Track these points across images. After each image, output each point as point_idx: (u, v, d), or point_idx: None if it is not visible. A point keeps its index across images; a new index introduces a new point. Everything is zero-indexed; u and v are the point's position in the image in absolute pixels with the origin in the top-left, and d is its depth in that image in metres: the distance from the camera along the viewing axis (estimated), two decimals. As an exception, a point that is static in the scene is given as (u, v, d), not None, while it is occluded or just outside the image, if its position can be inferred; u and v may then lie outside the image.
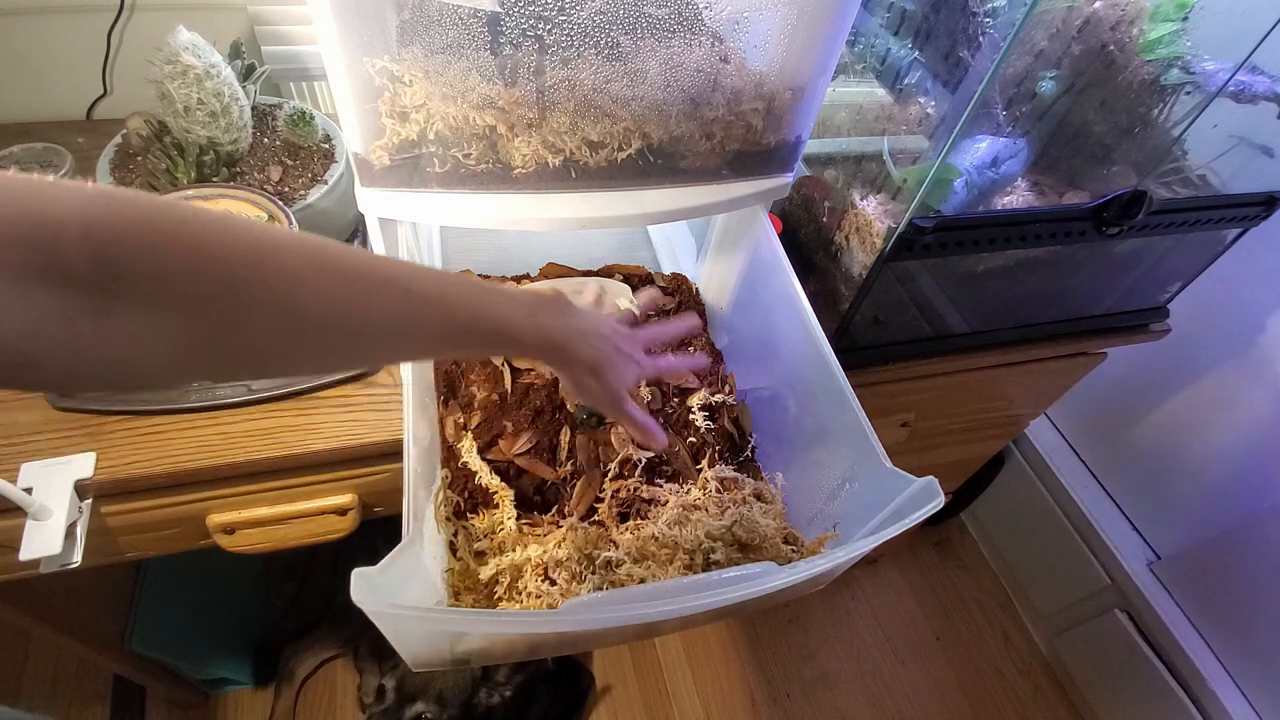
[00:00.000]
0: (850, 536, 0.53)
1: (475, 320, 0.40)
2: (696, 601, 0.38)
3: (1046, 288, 0.89)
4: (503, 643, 0.49)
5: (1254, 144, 0.82)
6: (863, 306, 0.77)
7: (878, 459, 0.50)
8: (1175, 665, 1.23)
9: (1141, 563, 1.31)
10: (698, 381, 0.71)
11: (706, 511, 0.59)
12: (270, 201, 0.67)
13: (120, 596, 0.99)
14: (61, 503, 0.58)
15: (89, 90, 0.88)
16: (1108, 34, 0.71)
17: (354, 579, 0.35)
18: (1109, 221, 0.76)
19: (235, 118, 0.71)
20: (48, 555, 0.57)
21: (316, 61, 0.91)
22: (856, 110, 0.81)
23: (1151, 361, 1.27)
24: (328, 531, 0.74)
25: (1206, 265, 0.95)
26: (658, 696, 1.36)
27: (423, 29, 0.46)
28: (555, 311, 0.45)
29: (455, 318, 0.39)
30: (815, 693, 1.42)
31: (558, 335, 0.45)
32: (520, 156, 0.52)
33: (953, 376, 0.96)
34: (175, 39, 0.65)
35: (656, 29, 0.49)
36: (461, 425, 0.63)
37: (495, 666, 1.17)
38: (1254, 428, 1.14)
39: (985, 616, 1.59)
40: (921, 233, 0.68)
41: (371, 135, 0.50)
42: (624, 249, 0.89)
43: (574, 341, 0.46)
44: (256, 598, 1.31)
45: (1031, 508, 1.49)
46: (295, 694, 1.23)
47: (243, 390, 0.67)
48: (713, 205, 0.59)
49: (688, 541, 0.56)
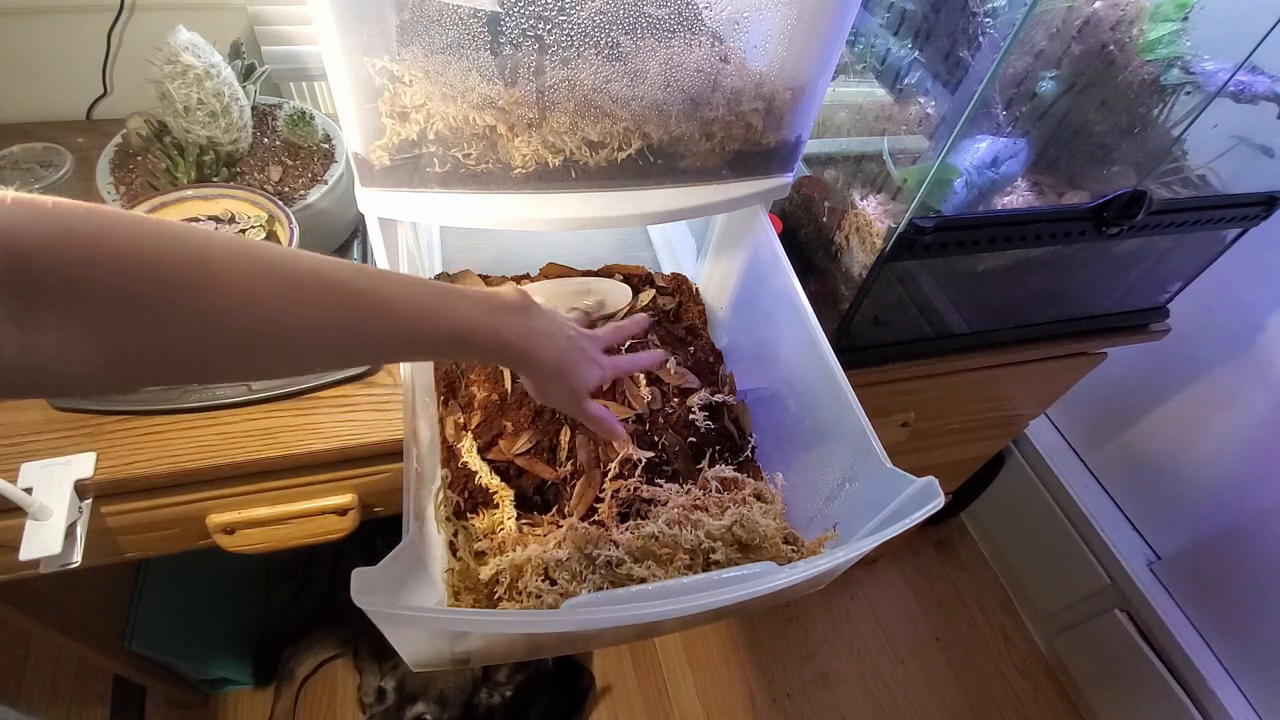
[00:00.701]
0: (850, 536, 0.53)
1: (426, 323, 0.39)
2: (696, 601, 0.38)
3: (1046, 288, 0.89)
4: (503, 642, 0.49)
5: (1254, 144, 0.82)
6: (863, 306, 0.77)
7: (878, 459, 0.50)
8: (1175, 665, 1.23)
9: (1141, 563, 1.31)
10: (698, 381, 0.71)
11: (706, 511, 0.59)
12: (270, 201, 0.67)
13: (120, 596, 0.99)
14: (61, 503, 0.58)
15: (89, 90, 0.88)
16: (1108, 34, 0.71)
17: (354, 579, 0.35)
18: (1109, 221, 0.76)
19: (235, 118, 0.71)
20: (48, 555, 0.57)
21: (316, 61, 0.91)
22: (856, 110, 0.81)
23: (1151, 361, 1.27)
24: (327, 531, 0.74)
25: (1206, 265, 0.95)
26: (658, 696, 1.36)
27: (423, 29, 0.46)
28: (515, 312, 0.44)
29: (403, 322, 0.38)
30: (815, 693, 1.42)
31: (517, 337, 0.44)
32: (520, 156, 0.52)
33: (953, 376, 0.96)
34: (175, 39, 0.65)
35: (656, 29, 0.49)
36: (461, 425, 0.63)
37: (495, 667, 1.17)
38: (1254, 428, 1.14)
39: (985, 616, 1.59)
40: (921, 233, 0.68)
41: (371, 135, 0.50)
42: (624, 249, 0.89)
43: (535, 343, 0.45)
44: (256, 598, 1.31)
45: (1031, 508, 1.49)
46: (295, 694, 1.23)
47: (243, 390, 0.67)
48: (713, 205, 0.59)
49: (687, 541, 0.56)
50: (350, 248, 0.83)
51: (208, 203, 0.67)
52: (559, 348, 0.47)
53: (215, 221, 0.66)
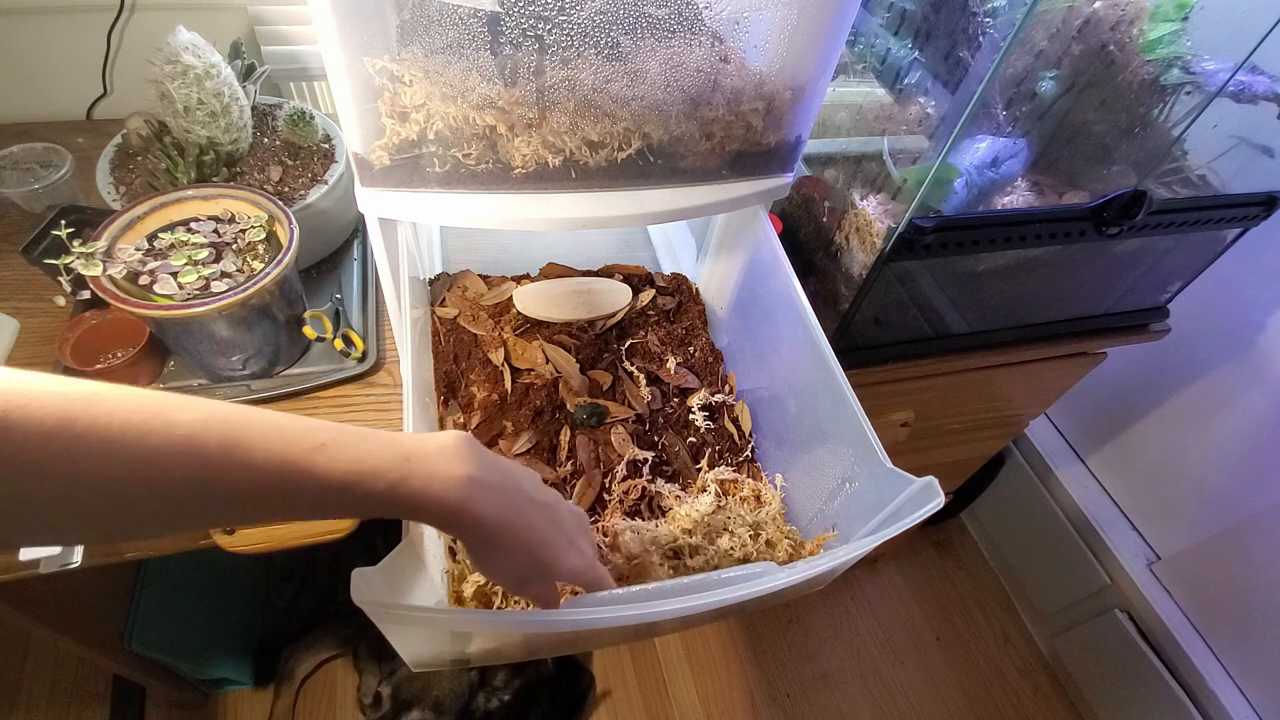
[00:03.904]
0: (850, 536, 0.53)
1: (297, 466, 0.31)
2: (696, 601, 0.38)
3: (1046, 288, 0.89)
4: (502, 642, 0.49)
5: (1254, 144, 0.82)
6: (863, 306, 0.77)
7: (878, 459, 0.50)
8: (1175, 665, 1.23)
9: (1141, 563, 1.31)
10: (698, 381, 0.71)
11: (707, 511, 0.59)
12: (270, 201, 0.67)
13: (120, 597, 0.99)
14: (61, 503, 0.58)
15: (89, 90, 0.88)
16: (1108, 34, 0.71)
17: (354, 579, 0.35)
18: (1109, 221, 0.76)
19: (235, 118, 0.71)
20: (48, 555, 0.57)
21: (316, 61, 0.91)
22: (856, 110, 0.81)
23: (1151, 361, 1.27)
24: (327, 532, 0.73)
25: (1206, 265, 0.95)
26: (658, 696, 1.36)
27: (423, 29, 0.46)
28: (446, 458, 0.35)
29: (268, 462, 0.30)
30: (815, 693, 1.42)
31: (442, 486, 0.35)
32: (520, 156, 0.52)
33: (953, 376, 0.96)
34: (175, 39, 0.65)
35: (656, 29, 0.49)
36: (461, 425, 0.63)
37: (493, 671, 1.17)
38: (1254, 428, 1.14)
39: (985, 616, 1.59)
40: (921, 233, 0.68)
41: (371, 135, 0.50)
42: (624, 249, 0.89)
43: (473, 497, 0.35)
44: (256, 598, 1.31)
45: (1031, 508, 1.49)
46: (295, 694, 1.23)
47: (243, 390, 0.67)
48: (713, 205, 0.59)
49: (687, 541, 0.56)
50: (350, 248, 0.83)
51: (208, 203, 0.67)
52: (515, 507, 0.38)
53: (215, 221, 0.66)
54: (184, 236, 0.64)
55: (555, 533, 0.40)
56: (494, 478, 0.37)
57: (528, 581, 0.40)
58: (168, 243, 0.63)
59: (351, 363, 0.71)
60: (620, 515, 0.60)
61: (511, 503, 0.38)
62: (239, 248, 0.64)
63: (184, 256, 0.62)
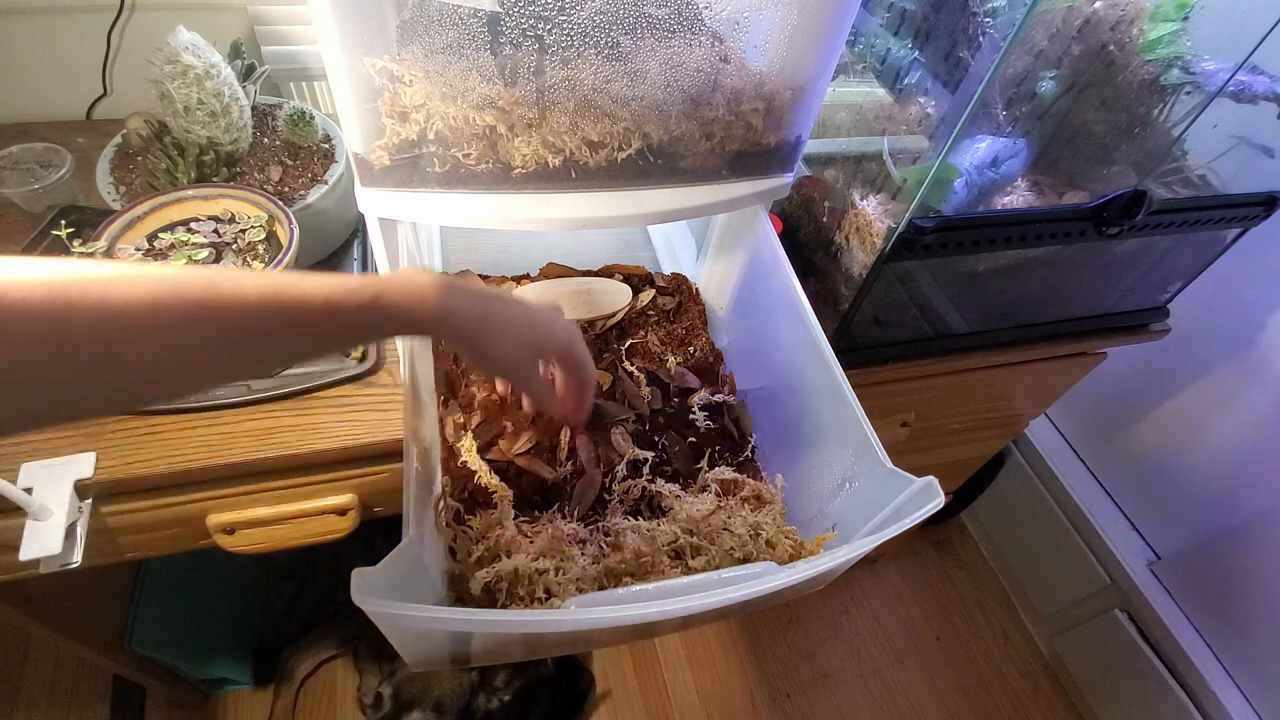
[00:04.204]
0: (850, 536, 0.53)
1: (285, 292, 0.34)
2: (696, 601, 0.38)
3: (1046, 288, 0.89)
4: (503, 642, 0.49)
5: (1254, 144, 0.82)
6: (863, 306, 0.77)
7: (878, 459, 0.50)
8: (1175, 665, 1.23)
9: (1141, 563, 1.31)
10: (698, 381, 0.71)
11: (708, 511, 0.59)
12: (270, 201, 0.67)
13: (120, 596, 0.99)
14: (61, 503, 0.58)
15: (89, 90, 0.88)
16: (1108, 34, 0.71)
17: (354, 579, 0.35)
18: (1109, 221, 0.76)
19: (235, 118, 0.71)
20: (48, 555, 0.57)
21: (316, 61, 0.91)
22: (856, 110, 0.81)
23: (1151, 361, 1.27)
24: (328, 531, 0.74)
25: (1206, 265, 0.95)
26: (658, 696, 1.36)
27: (423, 29, 0.46)
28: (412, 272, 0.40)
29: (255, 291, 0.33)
30: (815, 693, 1.42)
31: (421, 289, 0.39)
32: (520, 156, 0.52)
33: (953, 376, 0.96)
34: (175, 39, 0.65)
35: (656, 29, 0.49)
36: (461, 425, 0.63)
37: (494, 672, 1.17)
38: (1254, 428, 1.14)
39: (985, 616, 1.59)
40: (921, 233, 0.68)
41: (371, 135, 0.50)
42: (624, 249, 0.89)
43: (449, 296, 0.40)
44: (256, 598, 1.31)
45: (1031, 508, 1.49)
46: (295, 694, 1.23)
47: (243, 390, 0.67)
48: (713, 205, 0.59)
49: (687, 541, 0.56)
50: (350, 248, 0.83)
51: (208, 203, 0.67)
52: (490, 299, 0.42)
53: (215, 221, 0.66)
54: (184, 236, 0.64)
55: (536, 312, 0.44)
56: (466, 284, 0.41)
57: (527, 365, 0.44)
58: (168, 243, 0.63)
59: (351, 362, 0.71)
60: (621, 515, 0.60)
61: (486, 296, 0.42)
62: (239, 248, 0.64)
63: (184, 256, 0.62)
